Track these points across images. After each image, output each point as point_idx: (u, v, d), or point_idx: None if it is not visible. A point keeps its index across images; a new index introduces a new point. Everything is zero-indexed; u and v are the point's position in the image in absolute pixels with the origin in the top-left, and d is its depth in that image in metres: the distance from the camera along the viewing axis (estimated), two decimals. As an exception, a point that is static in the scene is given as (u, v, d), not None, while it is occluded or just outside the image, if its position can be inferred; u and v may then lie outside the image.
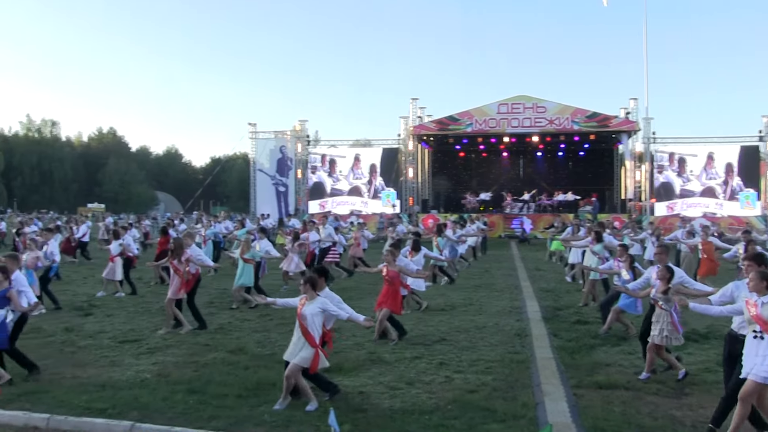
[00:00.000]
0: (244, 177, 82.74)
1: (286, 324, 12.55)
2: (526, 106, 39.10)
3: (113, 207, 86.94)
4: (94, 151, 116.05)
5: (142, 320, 13.19)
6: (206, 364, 9.60)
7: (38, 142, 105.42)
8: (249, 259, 14.83)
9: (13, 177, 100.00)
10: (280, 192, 44.51)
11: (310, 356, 7.51)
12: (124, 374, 9.04)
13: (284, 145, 44.62)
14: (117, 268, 16.67)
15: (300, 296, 7.94)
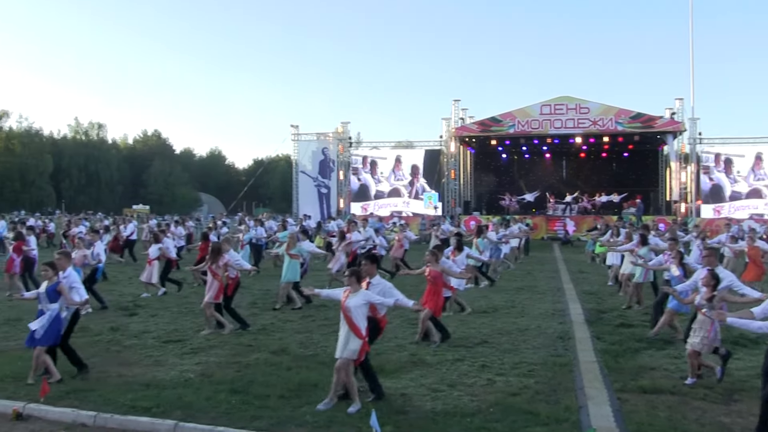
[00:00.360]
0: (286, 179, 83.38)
1: (328, 325, 12.64)
2: (569, 107, 38.71)
3: (157, 208, 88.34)
4: (139, 153, 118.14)
5: (185, 320, 13.37)
6: (249, 364, 9.69)
7: (85, 145, 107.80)
8: (295, 254, 14.95)
9: (62, 179, 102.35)
10: (322, 194, 44.82)
11: (357, 348, 7.55)
12: (168, 374, 9.18)
13: (326, 146, 44.91)
14: (153, 271, 16.97)
15: (343, 289, 7.97)
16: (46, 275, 8.94)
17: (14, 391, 8.30)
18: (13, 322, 13.11)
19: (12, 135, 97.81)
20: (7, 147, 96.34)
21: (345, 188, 44.35)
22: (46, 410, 7.53)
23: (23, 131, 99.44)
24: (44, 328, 8.63)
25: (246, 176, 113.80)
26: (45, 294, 8.79)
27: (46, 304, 8.75)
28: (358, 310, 7.62)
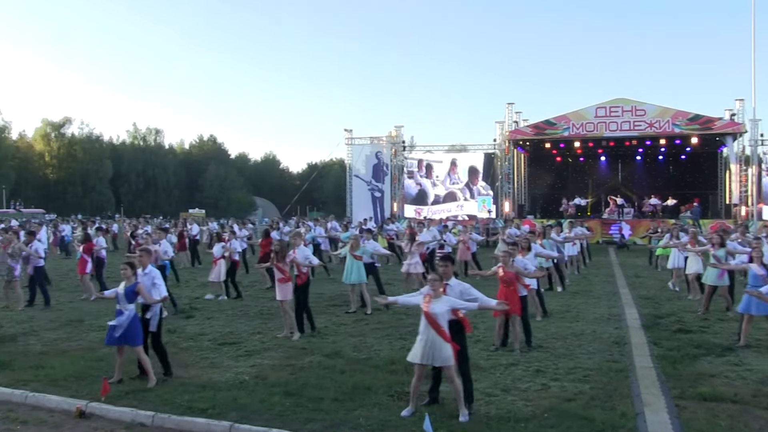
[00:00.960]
0: (340, 183, 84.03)
1: (381, 329, 12.68)
2: (624, 109, 38.03)
3: (213, 212, 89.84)
4: (195, 158, 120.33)
5: (240, 323, 13.57)
6: (303, 367, 9.78)
7: (143, 150, 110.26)
8: (359, 255, 14.90)
9: (121, 184, 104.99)
10: (376, 197, 44.96)
11: (450, 353, 7.34)
12: (224, 376, 9.33)
13: (380, 150, 45.05)
14: (221, 270, 17.04)
15: (421, 293, 7.81)
16: (125, 274, 8.97)
17: (77, 389, 8.56)
18: (75, 324, 13.51)
19: (74, 141, 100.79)
20: (70, 153, 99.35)
21: (398, 192, 44.40)
22: (107, 409, 7.75)
23: (84, 137, 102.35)
24: (123, 328, 8.71)
25: (300, 180, 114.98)
26: (123, 294, 8.85)
27: (125, 304, 8.81)
28: (444, 316, 7.42)
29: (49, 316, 14.56)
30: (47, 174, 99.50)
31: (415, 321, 13.18)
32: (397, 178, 44.58)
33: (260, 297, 17.31)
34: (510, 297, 10.51)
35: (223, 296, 17.04)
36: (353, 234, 17.39)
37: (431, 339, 7.36)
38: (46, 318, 14.27)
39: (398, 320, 13.66)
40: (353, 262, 14.84)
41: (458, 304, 7.62)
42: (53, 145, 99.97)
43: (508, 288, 10.86)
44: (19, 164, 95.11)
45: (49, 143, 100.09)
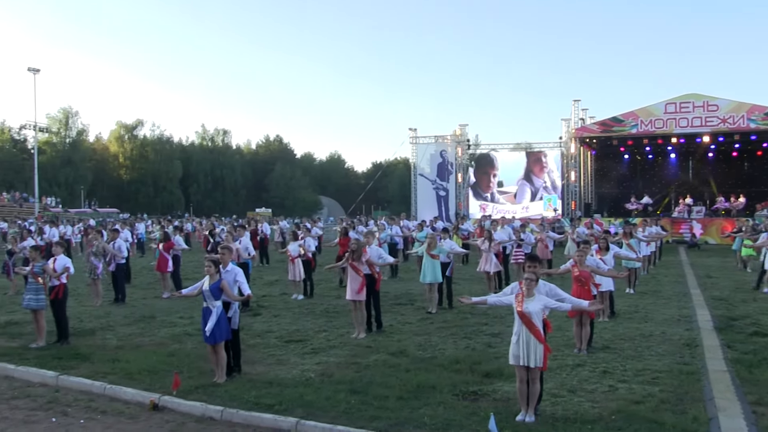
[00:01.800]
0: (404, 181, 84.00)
1: (446, 328, 12.68)
2: (695, 105, 36.94)
3: (279, 211, 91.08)
4: (261, 158, 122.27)
5: (306, 321, 13.75)
6: (368, 365, 9.86)
7: (211, 151, 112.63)
8: (435, 254, 14.81)
9: (190, 184, 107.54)
10: (441, 196, 44.85)
11: (542, 354, 7.25)
12: (290, 373, 9.48)
13: (444, 149, 44.94)
14: (299, 269, 17.13)
15: (512, 292, 7.72)
16: (209, 272, 9.09)
17: (150, 383, 8.85)
18: (148, 320, 13.96)
19: (146, 143, 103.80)
20: (142, 154, 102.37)
21: (463, 191, 44.22)
22: (178, 403, 8.00)
23: (156, 139, 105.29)
24: (213, 325, 8.85)
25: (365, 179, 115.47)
26: (209, 292, 8.97)
27: (212, 301, 8.94)
28: (539, 315, 7.33)
29: (124, 312, 15.08)
30: (121, 175, 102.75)
31: (480, 320, 13.27)
32: (462, 176, 44.39)
33: (326, 295, 17.50)
34: (584, 296, 10.25)
35: (299, 296, 17.09)
36: (429, 233, 17.32)
37: (526, 339, 7.27)
38: (121, 314, 14.78)
39: (463, 319, 13.63)
40: (430, 262, 14.73)
41: (551, 303, 7.53)
42: (126, 146, 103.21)
43: (582, 287, 10.69)
44: (95, 165, 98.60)
45: (123, 145, 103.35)
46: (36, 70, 62.51)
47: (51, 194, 79.50)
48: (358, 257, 12.24)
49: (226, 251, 9.81)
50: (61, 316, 11.70)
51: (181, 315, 14.39)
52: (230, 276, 9.34)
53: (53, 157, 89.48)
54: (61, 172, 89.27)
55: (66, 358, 10.36)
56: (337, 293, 17.71)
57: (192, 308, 14.72)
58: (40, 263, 11.63)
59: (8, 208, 68.06)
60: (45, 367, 9.78)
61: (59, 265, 11.79)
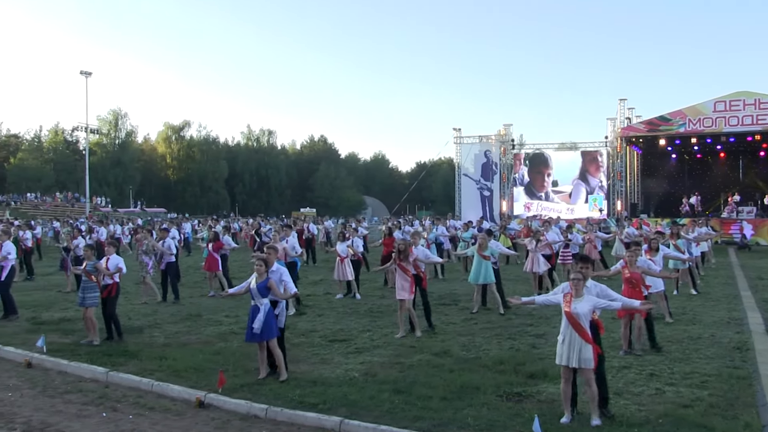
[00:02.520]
0: (448, 181, 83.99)
1: (491, 328, 12.62)
2: (746, 103, 36.00)
3: (324, 211, 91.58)
4: (306, 158, 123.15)
5: (350, 321, 13.82)
6: (412, 365, 9.87)
7: (256, 151, 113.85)
8: (486, 255, 14.70)
9: (235, 184, 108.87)
10: (485, 196, 44.62)
11: (591, 355, 7.13)
12: (334, 372, 9.55)
13: (489, 149, 44.69)
14: (347, 270, 17.13)
15: (562, 292, 7.63)
16: (258, 270, 9.24)
17: (196, 381, 9.00)
18: (194, 318, 14.19)
19: (192, 143, 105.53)
20: (189, 155, 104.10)
21: (508, 191, 43.92)
22: (223, 401, 8.12)
23: (202, 139, 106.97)
24: (261, 323, 8.95)
25: (409, 179, 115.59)
26: (257, 290, 9.11)
27: (259, 299, 9.08)
28: (587, 316, 7.23)
29: (171, 310, 15.36)
30: (168, 175, 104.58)
31: (524, 321, 13.19)
32: (506, 176, 44.09)
33: (369, 295, 17.55)
34: (635, 298, 10.00)
35: (357, 294, 17.05)
36: (476, 233, 17.22)
37: (573, 340, 7.19)
38: (168, 312, 15.05)
39: (507, 320, 13.55)
40: (481, 263, 14.62)
41: (601, 303, 7.43)
42: (173, 147, 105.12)
43: (633, 289, 10.53)
44: (143, 166, 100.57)
45: (170, 145, 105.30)
46: (88, 73, 64.20)
47: (101, 194, 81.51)
48: (406, 257, 12.24)
49: (272, 251, 9.87)
50: (111, 314, 11.95)
51: (226, 314, 14.59)
52: (276, 275, 9.41)
53: (103, 157, 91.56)
54: (110, 173, 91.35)
55: (115, 355, 10.61)
56: (380, 293, 17.77)
57: (237, 307, 14.91)
58: (93, 262, 11.86)
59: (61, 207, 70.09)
60: (96, 363, 10.03)
61: (112, 264, 12.02)
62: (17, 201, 70.24)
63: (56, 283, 20.76)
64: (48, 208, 68.15)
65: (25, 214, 60.30)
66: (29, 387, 9.13)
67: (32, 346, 11.03)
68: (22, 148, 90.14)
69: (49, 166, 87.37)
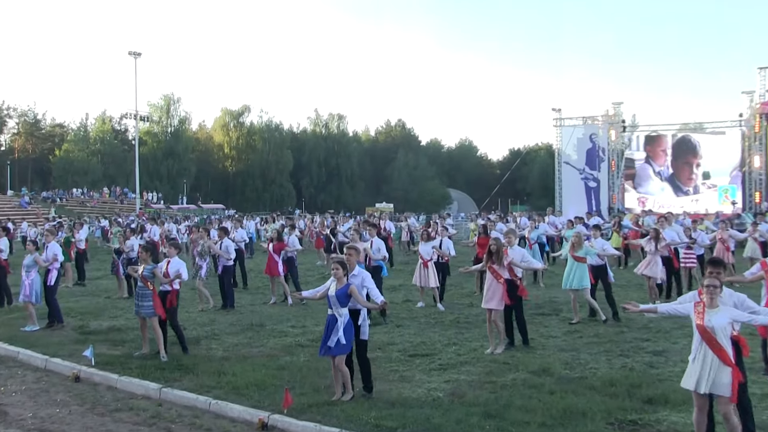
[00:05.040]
0: (547, 171, 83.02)
1: (598, 343, 12.40)
2: None
3: (402, 206, 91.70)
4: (381, 146, 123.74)
5: (433, 332, 13.80)
6: (505, 385, 9.80)
7: (325, 138, 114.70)
8: (581, 257, 14.50)
9: (302, 176, 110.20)
10: (590, 187, 43.84)
11: (729, 380, 6.74)
12: (415, 391, 9.56)
13: (594, 132, 43.93)
14: (430, 274, 16.79)
15: (689, 302, 7.38)
16: (336, 275, 9.23)
17: (259, 399, 9.16)
18: (257, 328, 14.43)
19: (253, 130, 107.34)
20: (249, 143, 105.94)
21: (618, 180, 43.04)
22: (289, 422, 8.23)
23: (264, 126, 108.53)
24: (338, 335, 8.94)
25: (500, 169, 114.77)
26: (335, 298, 9.09)
27: (338, 308, 9.06)
28: (725, 331, 6.87)
29: (230, 319, 15.68)
30: (226, 166, 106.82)
31: (639, 335, 12.92)
32: (616, 164, 43.17)
33: (456, 303, 17.50)
34: None
35: (440, 305, 16.79)
36: (577, 231, 16.95)
37: (707, 360, 6.83)
38: (227, 321, 15.38)
39: (618, 333, 13.27)
40: (574, 265, 14.50)
41: (742, 316, 7.06)
42: (232, 135, 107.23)
43: None
44: (199, 157, 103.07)
45: (228, 133, 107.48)
46: (137, 54, 66.23)
47: (152, 189, 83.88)
48: (499, 259, 12.13)
49: (353, 252, 9.82)
50: (174, 326, 12.21)
51: (292, 324, 14.80)
52: (357, 280, 9.39)
53: (154, 148, 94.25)
54: (162, 165, 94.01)
55: (169, 369, 10.90)
56: (469, 301, 17.69)
57: (305, 316, 15.09)
58: (150, 266, 12.09)
59: (109, 204, 72.56)
60: (148, 378, 10.35)
61: (173, 269, 12.16)
62: (63, 197, 73.11)
63: (105, 288, 21.49)
64: (95, 205, 70.91)
65: (71, 211, 62.80)
66: (78, 403, 9.50)
67: (80, 358, 11.44)
68: (68, 138, 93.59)
69: (96, 158, 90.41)
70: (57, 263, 15.08)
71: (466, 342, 12.76)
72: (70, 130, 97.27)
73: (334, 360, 9.09)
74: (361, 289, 9.37)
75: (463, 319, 15.15)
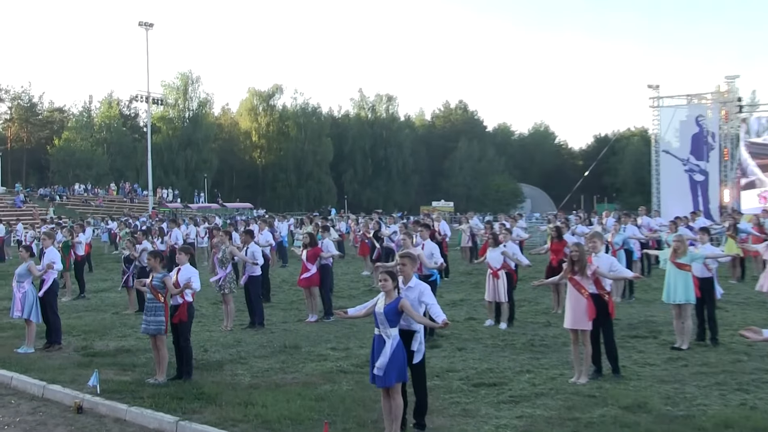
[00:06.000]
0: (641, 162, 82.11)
1: (708, 374, 12.19)
2: None
3: (464, 205, 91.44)
4: (439, 133, 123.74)
5: (502, 357, 13.69)
6: (591, 422, 9.70)
7: (372, 124, 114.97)
8: (684, 264, 14.20)
9: (344, 169, 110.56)
10: (696, 181, 42.97)
11: None
12: (481, 428, 9.50)
13: (702, 114, 43.16)
14: (500, 285, 16.71)
15: None
16: (384, 287, 8.98)
17: (293, 436, 9.17)
18: (290, 351, 14.44)
19: (286, 115, 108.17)
20: (281, 130, 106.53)
21: (732, 173, 42.22)
22: (330, 463, 8.20)
23: (298, 110, 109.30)
24: (387, 360, 8.71)
25: (583, 160, 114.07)
26: (383, 315, 8.84)
27: (386, 328, 8.83)
28: None
29: (260, 339, 15.72)
30: (254, 158, 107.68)
31: (762, 365, 12.63)
32: (729, 153, 42.41)
33: (529, 321, 17.35)
34: None
35: (504, 323, 16.69)
36: (678, 235, 16.71)
37: None
38: (255, 342, 15.42)
39: (735, 362, 13.00)
40: (677, 274, 14.20)
41: None
42: (261, 120, 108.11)
43: None
44: (221, 146, 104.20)
45: (257, 119, 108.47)
46: (148, 24, 67.28)
47: (167, 185, 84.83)
48: (582, 269, 11.95)
49: (407, 260, 9.64)
50: (184, 345, 12.28)
51: (333, 345, 14.78)
52: (413, 294, 9.27)
53: (170, 136, 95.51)
54: (179, 156, 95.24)
55: (188, 399, 10.95)
56: (545, 319, 17.52)
57: (348, 336, 15.09)
58: (161, 274, 12.14)
59: (117, 203, 73.46)
60: (163, 409, 10.40)
61: (183, 277, 12.25)
62: (63, 194, 74.25)
63: (112, 302, 21.73)
64: (100, 204, 71.88)
65: (73, 211, 63.75)
66: (80, 439, 9.58)
67: (83, 385, 11.55)
68: (68, 125, 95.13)
69: (101, 148, 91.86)
70: (53, 272, 15.18)
71: (543, 369, 12.63)
72: (71, 115, 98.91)
73: (390, 391, 8.90)
74: (418, 305, 9.23)
75: (539, 342, 15.00)
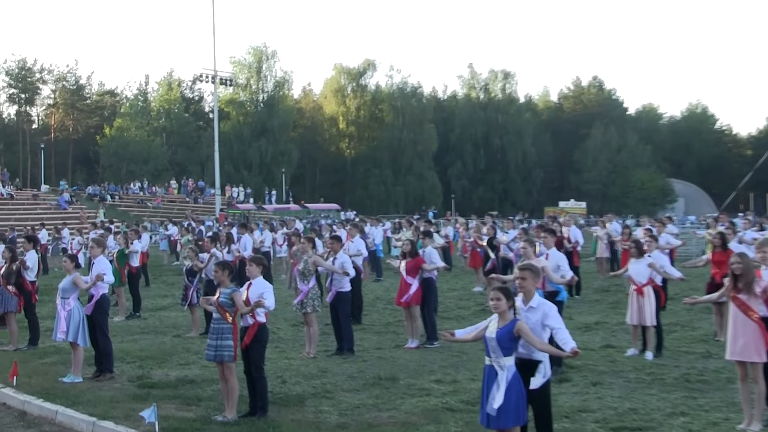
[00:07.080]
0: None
1: None
2: None
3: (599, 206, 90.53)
4: (567, 117, 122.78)
5: (649, 395, 13.50)
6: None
7: (485, 107, 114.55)
8: None
9: (451, 162, 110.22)
10: None
11: None
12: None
13: None
14: (646, 305, 16.30)
15: None
16: (497, 307, 8.89)
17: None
18: (386, 383, 14.44)
19: (379, 96, 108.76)
20: (374, 115, 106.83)
21: None
22: None
23: (395, 90, 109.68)
24: (502, 398, 8.60)
25: (753, 149, 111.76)
26: (495, 341, 8.81)
27: (498, 357, 8.76)
28: None
29: (348, 369, 15.76)
30: (342, 149, 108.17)
31: None
32: None
33: (683, 351, 17.07)
34: None
35: (649, 353, 16.42)
36: None
37: None
38: (343, 373, 15.47)
39: None
40: None
41: None
42: (350, 104, 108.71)
43: None
44: (302, 136, 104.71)
45: (345, 101, 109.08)
46: (215, -10, 67.67)
47: (237, 182, 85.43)
48: (748, 286, 11.67)
49: (528, 274, 9.54)
50: (257, 375, 12.31)
51: (437, 377, 14.73)
52: (535, 316, 9.17)
53: (240, 123, 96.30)
54: (252, 148, 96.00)
55: (262, 440, 11.06)
56: (704, 348, 17.20)
57: (456, 366, 15.06)
58: (229, 289, 12.21)
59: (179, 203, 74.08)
60: (232, 452, 10.51)
61: (254, 293, 12.23)
62: (115, 193, 75.27)
63: (174, 322, 22.01)
64: (159, 205, 72.91)
65: (126, 213, 64.50)
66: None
67: (139, 422, 11.69)
68: (121, 111, 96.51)
69: (159, 138, 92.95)
70: (103, 286, 15.32)
71: (702, 412, 12.42)
72: (124, 99, 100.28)
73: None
74: (541, 329, 9.12)
75: (696, 376, 14.75)
